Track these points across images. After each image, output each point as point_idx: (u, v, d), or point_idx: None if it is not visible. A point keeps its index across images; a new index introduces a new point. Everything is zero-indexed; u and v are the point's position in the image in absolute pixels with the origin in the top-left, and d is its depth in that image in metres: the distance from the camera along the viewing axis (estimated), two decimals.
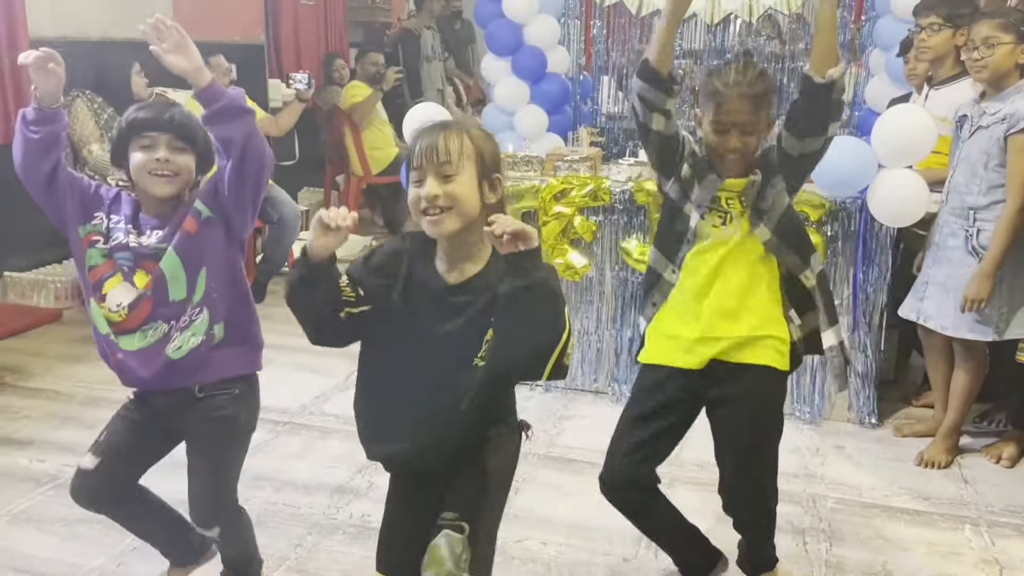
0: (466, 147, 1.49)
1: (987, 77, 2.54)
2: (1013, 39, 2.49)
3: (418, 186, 1.49)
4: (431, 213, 1.48)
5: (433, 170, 1.47)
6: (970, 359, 2.72)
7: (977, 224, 2.59)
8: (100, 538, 2.35)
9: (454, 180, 1.48)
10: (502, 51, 4.11)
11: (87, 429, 3.00)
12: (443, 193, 1.47)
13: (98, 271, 1.87)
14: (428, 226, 1.50)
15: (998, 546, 2.37)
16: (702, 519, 2.47)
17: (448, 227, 1.49)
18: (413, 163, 1.50)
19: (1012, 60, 2.51)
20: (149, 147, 1.81)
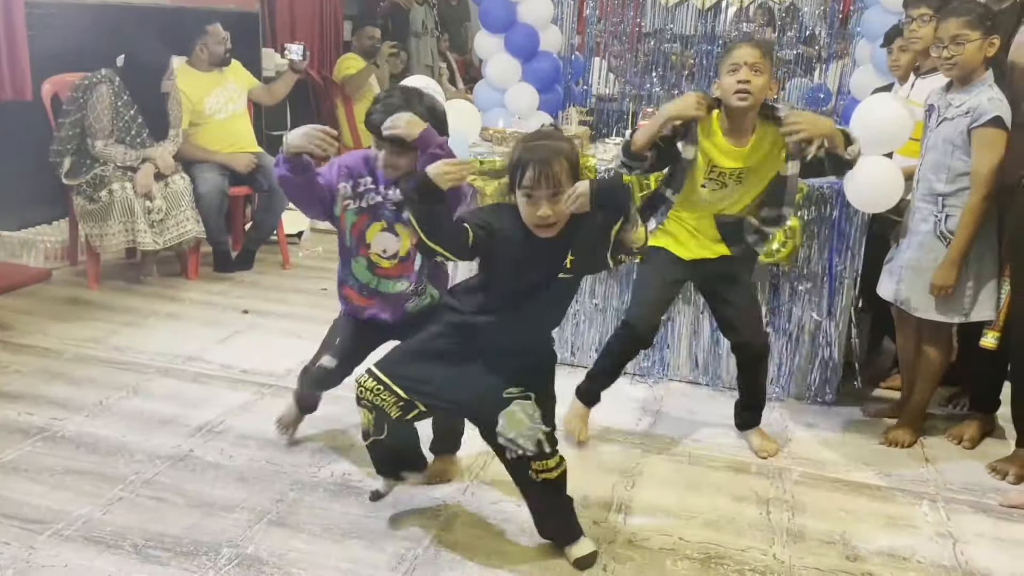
0: (568, 169, 1.94)
1: (958, 74, 2.61)
2: (980, 35, 2.55)
3: (531, 203, 1.94)
4: (543, 225, 1.95)
5: (545, 194, 1.92)
6: (936, 341, 2.81)
7: (945, 210, 2.67)
8: (87, 487, 2.42)
9: (560, 200, 1.93)
10: (495, 28, 4.16)
11: (75, 385, 3.07)
12: (553, 212, 1.94)
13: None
14: (538, 232, 1.97)
15: (953, 521, 2.47)
16: (672, 485, 2.57)
17: (553, 233, 1.98)
18: (525, 182, 1.92)
19: (980, 55, 2.57)
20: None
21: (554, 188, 1.91)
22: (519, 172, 1.94)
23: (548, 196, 1.92)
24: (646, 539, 2.30)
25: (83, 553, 2.14)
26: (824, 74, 4.41)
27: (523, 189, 1.93)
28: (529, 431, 2.03)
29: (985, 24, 2.55)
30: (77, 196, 3.98)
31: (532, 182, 1.91)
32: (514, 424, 2.03)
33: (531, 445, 2.03)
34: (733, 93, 2.44)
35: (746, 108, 2.45)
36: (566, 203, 1.95)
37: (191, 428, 2.78)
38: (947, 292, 2.66)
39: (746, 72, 2.41)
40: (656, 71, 4.52)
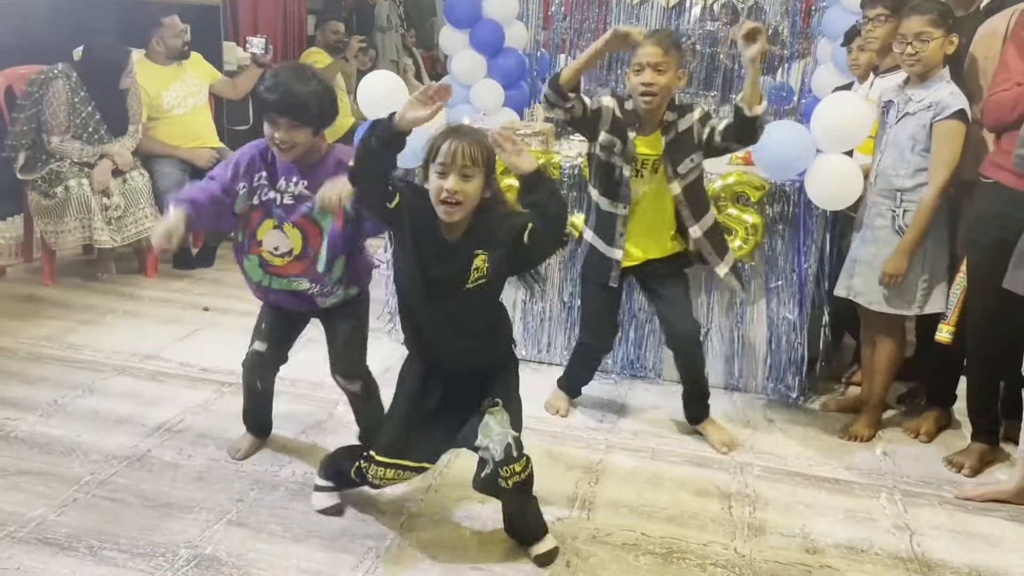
0: (483, 156, 1.93)
1: (920, 71, 2.65)
2: (943, 32, 2.60)
3: (440, 178, 1.91)
4: (448, 203, 1.91)
5: (457, 168, 1.90)
6: (891, 335, 2.86)
7: (903, 205, 2.71)
8: (41, 488, 2.36)
9: (470, 182, 1.92)
10: (460, 23, 4.13)
11: (29, 384, 3.00)
12: (460, 190, 1.91)
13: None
14: (442, 213, 1.93)
15: (910, 513, 2.50)
16: (635, 481, 2.58)
17: (457, 218, 1.95)
18: (439, 156, 1.91)
19: (941, 52, 2.62)
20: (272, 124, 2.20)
21: (467, 165, 1.90)
22: (435, 149, 1.93)
23: (459, 172, 1.90)
24: (609, 535, 2.31)
25: (37, 555, 2.10)
26: (787, 73, 4.45)
27: (436, 164, 1.92)
28: (499, 436, 2.04)
29: (947, 22, 2.61)
30: (32, 192, 3.89)
31: (446, 156, 1.90)
32: (485, 432, 2.05)
33: (500, 450, 2.02)
34: (639, 95, 2.52)
35: (652, 108, 2.54)
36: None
37: (149, 427, 2.74)
38: (897, 281, 2.71)
39: (649, 74, 2.47)
40: (621, 68, 4.53)
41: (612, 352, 3.30)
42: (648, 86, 2.48)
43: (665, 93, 2.52)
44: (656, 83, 2.48)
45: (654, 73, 2.47)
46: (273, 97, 2.16)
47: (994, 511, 2.53)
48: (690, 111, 2.61)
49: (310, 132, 2.21)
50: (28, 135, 3.87)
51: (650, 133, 2.61)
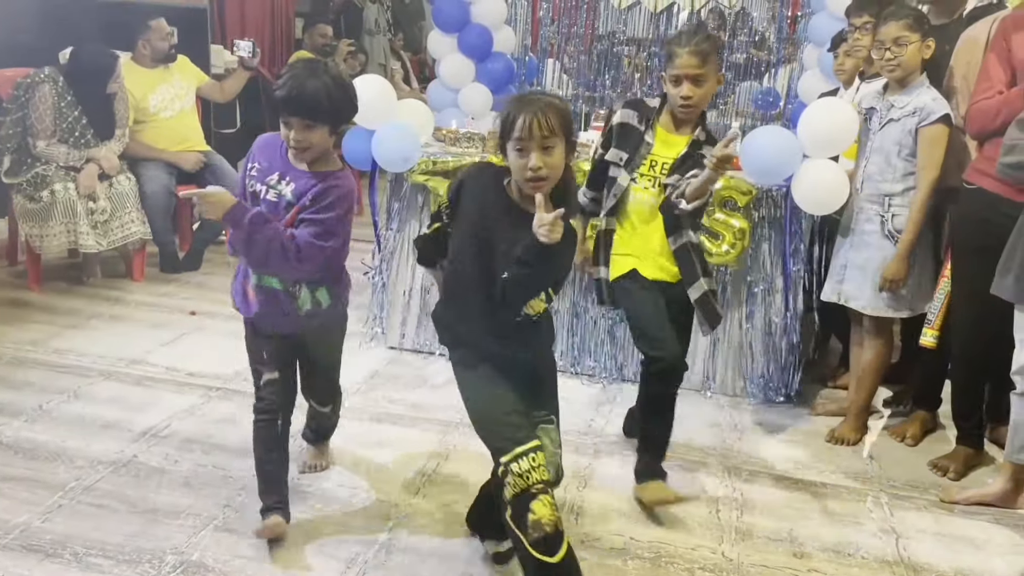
0: (560, 122, 1.79)
1: (899, 76, 2.69)
2: (919, 37, 2.65)
3: (521, 156, 1.78)
4: (536, 180, 1.78)
5: (537, 143, 1.76)
6: (878, 338, 2.88)
7: (892, 210, 2.74)
8: (26, 495, 2.34)
9: (552, 154, 1.78)
10: (449, 28, 4.15)
11: (13, 389, 2.98)
12: (545, 165, 1.77)
13: None
14: (530, 190, 1.80)
15: (896, 517, 2.52)
16: (623, 486, 2.58)
17: (546, 190, 1.79)
18: (516, 132, 1.77)
19: (919, 57, 2.67)
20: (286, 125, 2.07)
21: (546, 136, 1.76)
22: (509, 124, 1.79)
23: (540, 146, 1.77)
24: (598, 539, 2.31)
25: (22, 562, 2.08)
26: (773, 78, 4.48)
27: (513, 140, 1.78)
28: (553, 457, 1.94)
29: (923, 27, 2.65)
30: (17, 195, 3.86)
31: (523, 131, 1.76)
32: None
33: (552, 471, 1.91)
34: (678, 105, 2.40)
35: (689, 118, 2.44)
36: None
37: (135, 433, 2.72)
38: (898, 285, 2.73)
39: (688, 87, 2.35)
40: (609, 73, 4.54)
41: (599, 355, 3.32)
42: (687, 99, 2.36)
43: (705, 103, 2.43)
44: (695, 95, 2.36)
45: (692, 86, 2.34)
46: (283, 94, 2.05)
47: (979, 514, 2.54)
48: (713, 143, 2.38)
49: (326, 131, 2.08)
50: (13, 139, 3.85)
51: (678, 134, 2.44)
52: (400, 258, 3.49)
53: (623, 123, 2.47)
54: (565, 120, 1.81)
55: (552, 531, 1.79)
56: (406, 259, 3.47)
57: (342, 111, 2.10)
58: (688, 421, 3.03)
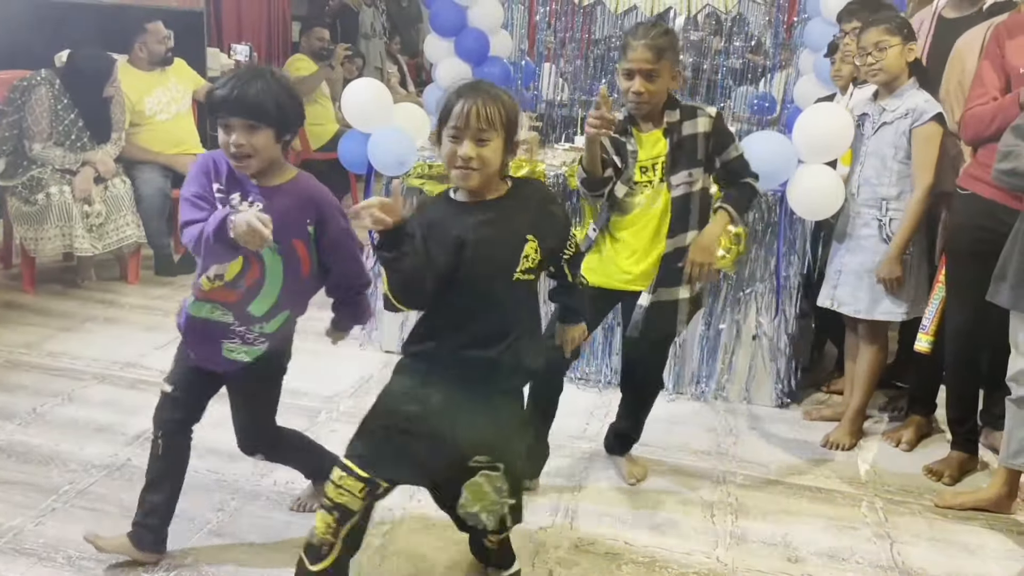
0: (502, 117, 1.72)
1: (883, 79, 2.71)
2: (900, 40, 2.66)
3: (454, 143, 1.71)
4: (463, 167, 1.71)
5: (473, 133, 1.70)
6: (873, 342, 2.88)
7: (889, 213, 2.75)
8: (19, 499, 2.34)
9: (487, 146, 1.71)
10: (445, 32, 4.14)
11: (7, 392, 2.97)
12: (476, 155, 1.70)
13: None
14: (456, 178, 1.75)
15: (891, 522, 2.52)
16: (618, 490, 2.57)
17: (474, 183, 1.74)
18: (451, 119, 1.70)
19: (902, 60, 2.69)
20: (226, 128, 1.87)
21: (483, 129, 1.69)
22: (447, 111, 1.71)
23: (474, 137, 1.69)
24: (592, 543, 2.31)
25: (14, 566, 2.07)
26: (770, 83, 4.49)
27: (449, 128, 1.71)
28: (493, 506, 1.85)
29: (903, 31, 2.68)
30: (12, 198, 3.86)
31: (459, 119, 1.68)
32: (477, 497, 1.83)
33: (493, 522, 1.85)
34: (629, 101, 2.30)
35: (642, 113, 2.32)
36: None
37: (128, 436, 2.71)
38: (896, 284, 2.75)
39: (639, 82, 2.24)
40: (605, 77, 4.55)
41: (596, 360, 3.31)
42: (638, 95, 2.26)
43: (657, 99, 2.29)
44: (647, 90, 2.25)
45: (644, 81, 2.24)
46: (223, 93, 1.85)
47: (974, 519, 2.55)
48: (695, 115, 2.32)
49: (271, 136, 1.88)
50: (9, 141, 3.84)
51: (649, 131, 2.35)
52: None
53: (611, 139, 2.34)
54: (508, 116, 1.73)
55: (317, 544, 1.80)
56: None
57: (288, 116, 1.91)
58: (683, 425, 3.03)
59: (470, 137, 1.70)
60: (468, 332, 1.79)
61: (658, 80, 2.25)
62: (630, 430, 2.68)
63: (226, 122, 1.86)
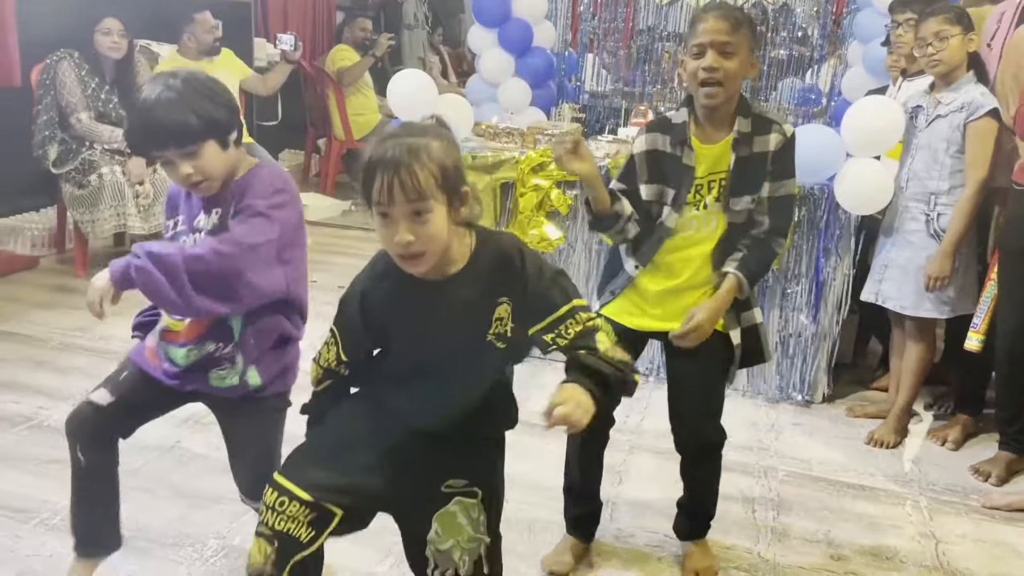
0: (436, 174, 1.34)
1: (943, 70, 2.66)
2: (961, 30, 2.62)
3: (386, 224, 1.35)
4: (406, 255, 1.36)
5: (403, 211, 1.33)
6: (921, 340, 2.84)
7: (938, 208, 2.71)
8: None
9: (427, 221, 1.34)
10: (489, 22, 4.15)
11: (60, 374, 3.05)
12: (417, 237, 1.34)
13: None
14: (404, 266, 1.39)
15: (936, 521, 2.49)
16: (659, 484, 2.58)
17: (423, 268, 1.39)
18: (374, 194, 1.33)
19: (963, 51, 2.64)
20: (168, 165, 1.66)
21: (414, 200, 1.32)
22: (367, 183, 1.34)
23: (408, 215, 1.33)
24: (632, 536, 2.32)
25: (68, 543, 2.12)
26: (816, 75, 4.43)
27: (375, 205, 1.34)
28: (469, 543, 1.48)
29: (963, 21, 2.63)
30: (65, 184, 3.95)
31: (381, 194, 1.32)
32: (450, 531, 1.47)
33: (467, 564, 1.47)
34: (699, 85, 1.86)
35: (716, 104, 1.88)
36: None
37: (178, 419, 2.74)
38: (943, 283, 2.70)
39: (713, 56, 1.82)
40: (649, 68, 4.52)
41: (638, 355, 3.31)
42: (712, 72, 1.82)
43: (734, 85, 1.85)
44: (723, 68, 1.82)
45: (718, 56, 1.82)
46: (139, 137, 1.63)
47: (1021, 521, 2.50)
48: (770, 129, 1.90)
49: (215, 148, 1.64)
50: (50, 125, 3.92)
51: (714, 141, 1.93)
52: None
53: (651, 150, 1.96)
54: (443, 171, 1.35)
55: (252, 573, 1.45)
56: None
57: (216, 115, 1.64)
58: (724, 420, 3.01)
59: (403, 216, 1.33)
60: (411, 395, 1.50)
61: (735, 58, 1.83)
62: (696, 514, 2.19)
63: (163, 159, 1.64)
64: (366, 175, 1.34)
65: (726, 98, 1.87)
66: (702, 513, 2.18)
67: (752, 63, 1.89)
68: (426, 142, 1.35)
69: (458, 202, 1.39)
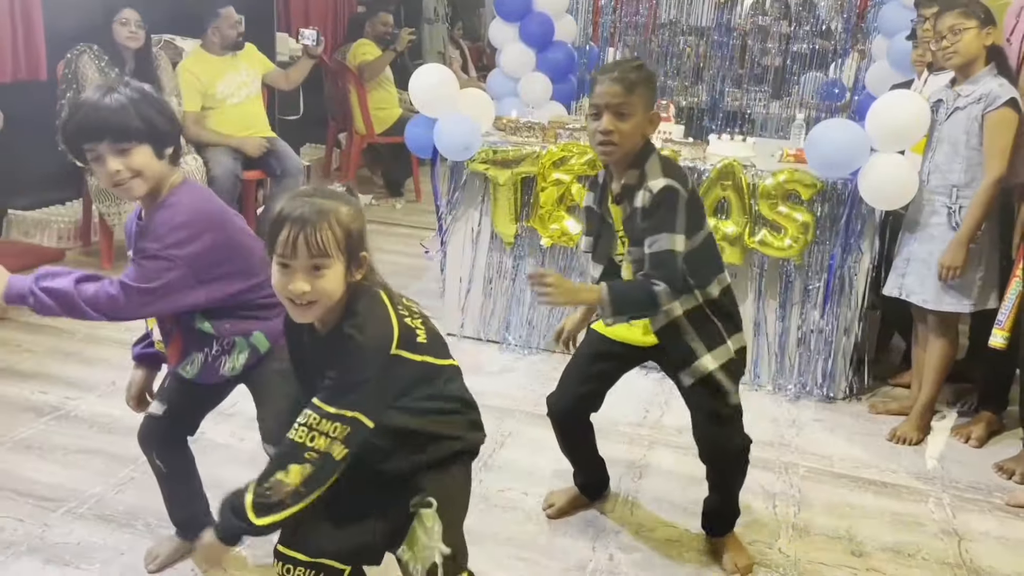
0: (340, 237, 1.42)
1: (958, 63, 2.65)
2: (976, 24, 2.60)
3: (284, 272, 1.43)
4: (298, 303, 1.44)
5: (303, 264, 1.41)
6: (943, 335, 2.82)
7: (959, 201, 2.69)
8: (99, 467, 2.44)
9: (324, 276, 1.42)
10: (510, 16, 4.16)
11: (87, 365, 3.10)
12: (312, 288, 1.42)
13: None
14: (295, 315, 1.47)
15: (959, 519, 2.47)
16: (678, 478, 2.58)
17: (312, 317, 1.47)
18: (278, 245, 1.41)
19: (979, 44, 2.62)
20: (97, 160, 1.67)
21: (317, 257, 1.40)
22: (273, 235, 1.42)
23: (307, 268, 1.41)
24: (652, 530, 2.32)
25: (96, 531, 2.17)
26: (839, 69, 4.40)
27: (276, 256, 1.42)
28: (424, 551, 1.53)
29: (980, 15, 2.61)
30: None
31: (286, 247, 1.40)
32: (410, 540, 1.55)
33: (421, 570, 1.53)
34: (596, 144, 1.94)
35: (612, 161, 1.98)
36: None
37: None
38: (956, 274, 2.67)
39: (608, 119, 1.89)
40: (670, 62, 4.51)
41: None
42: (607, 134, 1.90)
43: (629, 142, 1.92)
44: (617, 129, 1.89)
45: (612, 118, 1.89)
46: (76, 120, 1.65)
47: None
48: (641, 187, 1.91)
49: (148, 152, 1.68)
50: None
51: (616, 201, 2.03)
52: (456, 245, 3.52)
53: (587, 207, 2.14)
54: (347, 233, 1.43)
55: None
56: (462, 247, 3.50)
57: (157, 124, 1.69)
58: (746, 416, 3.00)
59: (301, 268, 1.41)
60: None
61: (630, 119, 1.90)
62: (718, 506, 2.23)
63: (94, 152, 1.66)
64: (273, 227, 1.42)
65: (622, 155, 1.94)
66: (729, 511, 2.23)
67: (651, 119, 1.95)
68: (335, 206, 1.44)
69: (355, 265, 1.46)
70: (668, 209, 1.89)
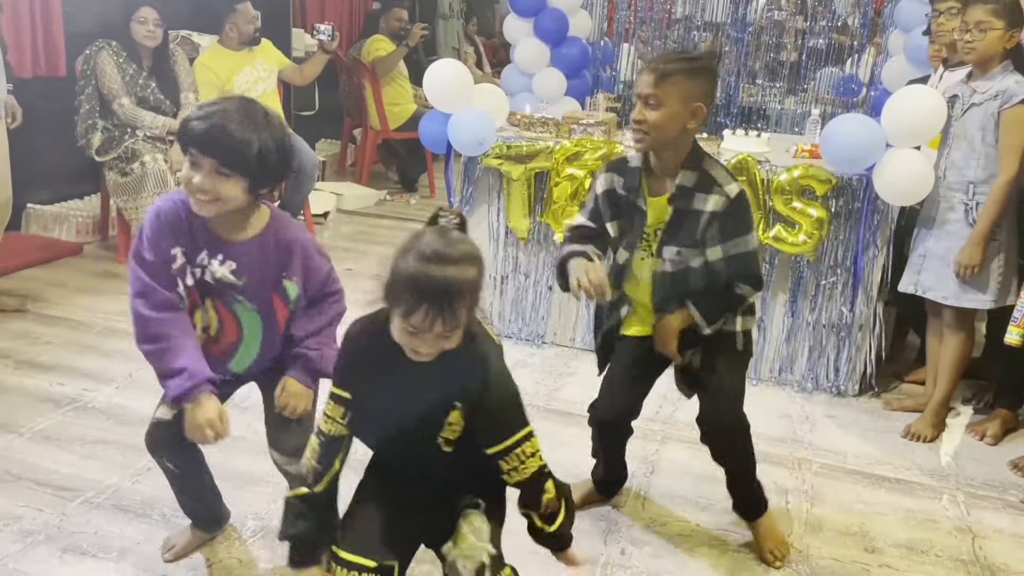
0: (469, 305, 1.44)
1: (975, 59, 2.64)
2: (1004, 25, 2.57)
3: (411, 338, 1.44)
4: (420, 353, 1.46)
5: (438, 333, 1.42)
6: (960, 331, 2.80)
7: (976, 197, 2.67)
8: (117, 458, 2.47)
9: (451, 338, 1.44)
10: (525, 12, 4.15)
11: (105, 357, 3.13)
12: (436, 351, 1.45)
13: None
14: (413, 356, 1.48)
15: (973, 516, 2.46)
16: (690, 473, 2.58)
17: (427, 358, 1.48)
18: (414, 320, 1.40)
19: (1000, 45, 2.60)
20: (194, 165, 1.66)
21: (450, 328, 1.42)
22: (407, 306, 1.40)
23: (436, 338, 1.43)
24: (664, 525, 2.32)
25: (113, 521, 2.20)
26: (856, 65, 4.37)
27: (407, 324, 1.42)
28: (472, 551, 1.55)
29: (1010, 16, 2.58)
30: (109, 171, 4.02)
31: (421, 324, 1.40)
32: (457, 540, 1.58)
33: (471, 570, 1.54)
34: (631, 131, 2.02)
35: (643, 149, 2.03)
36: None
37: None
38: (972, 271, 2.66)
39: (639, 109, 1.95)
40: None
41: None
42: (637, 123, 1.95)
43: (660, 133, 1.94)
44: (646, 120, 1.93)
45: (643, 107, 1.94)
46: (201, 127, 1.62)
47: None
48: (711, 191, 1.96)
49: (241, 188, 1.66)
50: (92, 114, 3.97)
51: (659, 193, 2.04)
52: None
53: (608, 191, 2.11)
54: (475, 300, 1.45)
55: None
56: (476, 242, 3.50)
57: (269, 172, 1.68)
58: (758, 411, 2.99)
59: (432, 336, 1.43)
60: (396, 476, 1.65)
61: (660, 109, 1.92)
62: (739, 488, 2.25)
63: (196, 159, 1.64)
64: (405, 295, 1.39)
65: (652, 145, 1.99)
66: (750, 494, 2.24)
67: (693, 112, 1.94)
68: (466, 274, 1.43)
69: (472, 315, 1.48)
70: (745, 212, 1.99)
